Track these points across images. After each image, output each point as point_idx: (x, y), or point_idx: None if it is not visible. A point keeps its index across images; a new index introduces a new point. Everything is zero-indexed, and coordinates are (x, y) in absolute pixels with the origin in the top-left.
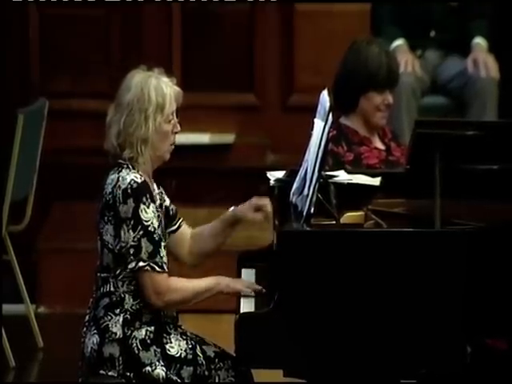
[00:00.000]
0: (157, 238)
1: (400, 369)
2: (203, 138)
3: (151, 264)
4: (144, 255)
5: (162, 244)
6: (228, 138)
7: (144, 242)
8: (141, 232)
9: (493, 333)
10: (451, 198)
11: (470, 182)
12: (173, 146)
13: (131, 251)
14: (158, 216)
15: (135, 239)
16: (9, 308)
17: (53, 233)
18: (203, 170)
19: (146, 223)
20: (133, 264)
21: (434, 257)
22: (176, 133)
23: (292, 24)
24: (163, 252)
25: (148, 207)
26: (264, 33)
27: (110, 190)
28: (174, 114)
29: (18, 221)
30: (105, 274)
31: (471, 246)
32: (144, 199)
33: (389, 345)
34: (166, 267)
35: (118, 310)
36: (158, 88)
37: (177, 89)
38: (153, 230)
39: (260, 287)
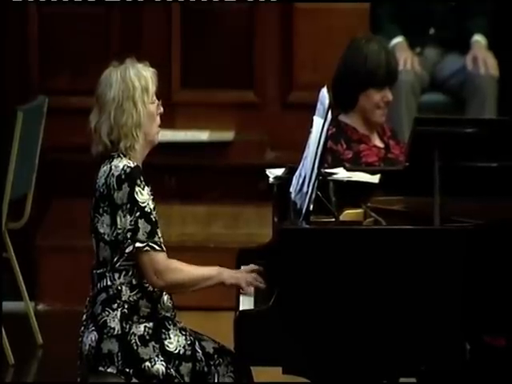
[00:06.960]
0: (154, 219)
1: (399, 366)
2: (202, 136)
3: (150, 244)
4: (142, 236)
5: (159, 226)
6: (227, 135)
7: (141, 223)
8: (137, 213)
9: (491, 330)
10: (450, 195)
11: (469, 180)
12: (160, 129)
13: (129, 235)
14: (153, 199)
15: (132, 222)
16: (8, 305)
17: (52, 230)
18: (202, 168)
19: (142, 204)
20: (130, 247)
21: (432, 254)
22: (160, 113)
23: (291, 22)
24: (160, 233)
25: (143, 189)
26: (263, 30)
27: (104, 180)
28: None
29: (17, 218)
30: (101, 270)
31: (470, 243)
32: (138, 182)
33: (387, 342)
34: (164, 247)
35: (116, 304)
36: (138, 73)
37: (152, 69)
38: (149, 210)
39: (263, 285)
